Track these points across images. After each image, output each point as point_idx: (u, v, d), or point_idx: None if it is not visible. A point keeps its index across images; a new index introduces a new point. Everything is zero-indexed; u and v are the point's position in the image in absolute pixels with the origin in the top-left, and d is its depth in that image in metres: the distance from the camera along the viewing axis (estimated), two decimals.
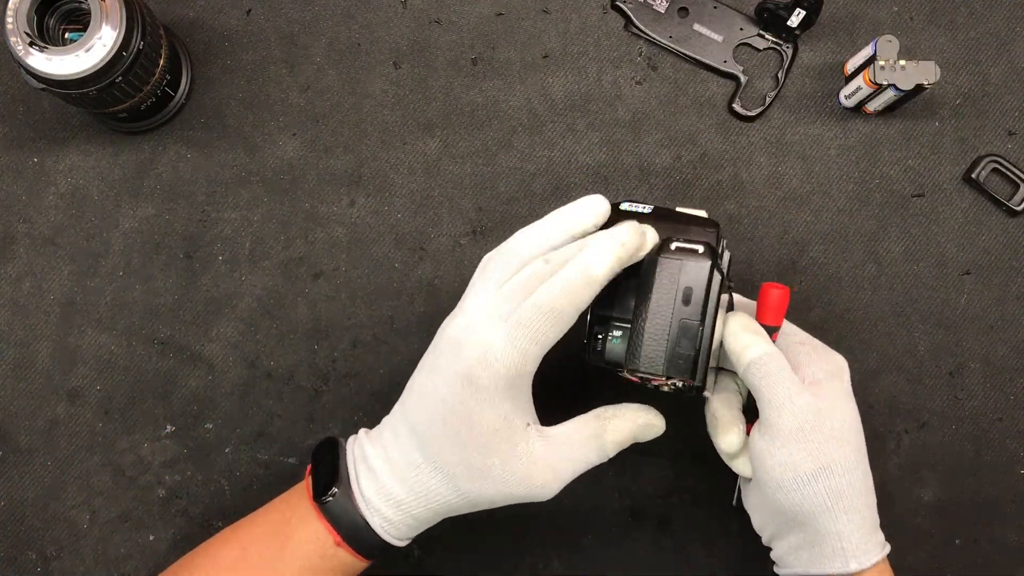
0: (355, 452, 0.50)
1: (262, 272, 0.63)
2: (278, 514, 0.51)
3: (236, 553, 0.50)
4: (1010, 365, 0.63)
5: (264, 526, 0.51)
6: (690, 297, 0.46)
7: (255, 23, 0.66)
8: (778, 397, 0.48)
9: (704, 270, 0.47)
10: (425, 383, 0.48)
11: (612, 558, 0.61)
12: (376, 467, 0.48)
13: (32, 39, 0.54)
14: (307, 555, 0.49)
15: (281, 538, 0.50)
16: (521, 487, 0.47)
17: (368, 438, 0.50)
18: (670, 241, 0.48)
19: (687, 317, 0.46)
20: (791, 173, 0.65)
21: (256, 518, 0.52)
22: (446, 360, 0.47)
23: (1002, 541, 0.61)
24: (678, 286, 0.47)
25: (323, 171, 0.64)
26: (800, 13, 0.63)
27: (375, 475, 0.48)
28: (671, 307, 0.47)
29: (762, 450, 0.48)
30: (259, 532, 0.51)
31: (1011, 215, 0.64)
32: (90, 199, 0.63)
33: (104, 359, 0.62)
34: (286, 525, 0.50)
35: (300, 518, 0.50)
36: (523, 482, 0.47)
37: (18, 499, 0.60)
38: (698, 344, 0.46)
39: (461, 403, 0.46)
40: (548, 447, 0.48)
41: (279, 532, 0.50)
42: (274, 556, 0.49)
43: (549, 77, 0.65)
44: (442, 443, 0.46)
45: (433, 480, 0.47)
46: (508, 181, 0.64)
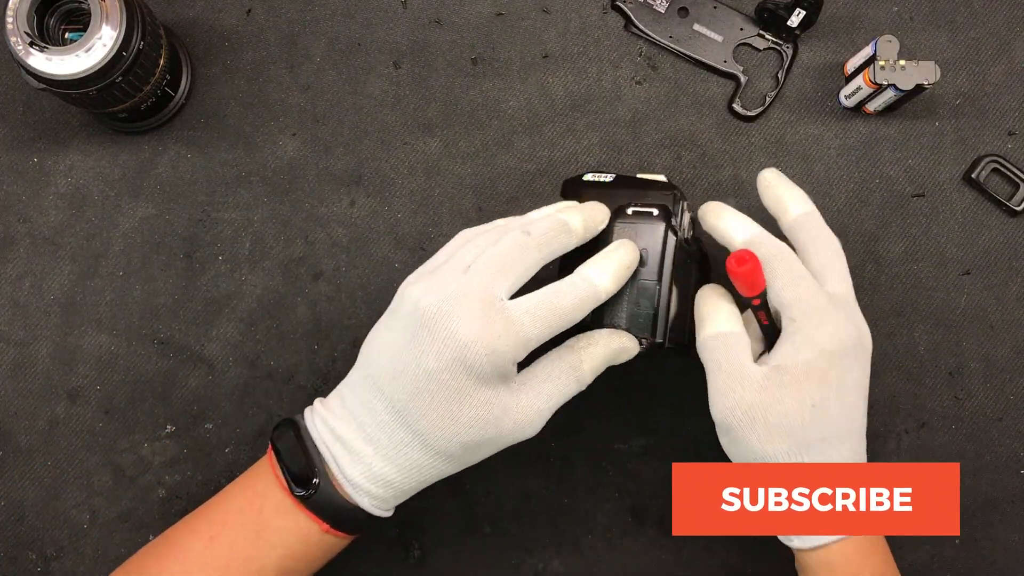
0: (321, 432, 0.48)
1: (262, 272, 0.63)
2: (246, 503, 0.49)
3: (203, 543, 0.49)
4: (1010, 365, 0.63)
5: (232, 514, 0.49)
6: (647, 259, 0.49)
7: (255, 23, 0.66)
8: (717, 384, 0.49)
9: (659, 231, 0.49)
10: (404, 357, 0.46)
11: (612, 558, 0.61)
12: (358, 449, 0.47)
13: (32, 39, 0.54)
14: (288, 544, 0.48)
15: (255, 527, 0.48)
16: (508, 437, 0.48)
17: (333, 414, 0.48)
18: (627, 206, 0.50)
19: (645, 277, 0.49)
20: (791, 173, 0.64)
21: (220, 505, 0.51)
22: (431, 335, 0.45)
23: (1002, 541, 0.61)
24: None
25: (323, 171, 0.64)
26: (800, 13, 0.63)
27: (359, 457, 0.47)
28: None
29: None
30: (227, 521, 0.49)
31: (1011, 215, 0.64)
32: (90, 199, 0.63)
33: (104, 359, 0.62)
34: (259, 514, 0.49)
35: (275, 508, 0.48)
36: (511, 433, 0.47)
37: (18, 499, 0.60)
38: (656, 303, 0.49)
39: (454, 383, 0.45)
40: (529, 391, 0.48)
41: (253, 521, 0.49)
42: (248, 546, 0.48)
43: (549, 77, 0.65)
44: (431, 420, 0.46)
45: (424, 456, 0.47)
46: (508, 181, 0.64)
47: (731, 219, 0.51)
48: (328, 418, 0.48)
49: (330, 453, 0.48)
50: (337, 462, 0.47)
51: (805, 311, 0.48)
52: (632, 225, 0.50)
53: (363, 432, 0.47)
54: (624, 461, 0.61)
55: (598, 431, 0.62)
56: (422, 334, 0.46)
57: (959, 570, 0.61)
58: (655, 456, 0.61)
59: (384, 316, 0.50)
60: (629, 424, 0.61)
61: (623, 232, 0.50)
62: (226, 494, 0.51)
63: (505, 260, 0.47)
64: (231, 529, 0.49)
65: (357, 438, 0.47)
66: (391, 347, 0.47)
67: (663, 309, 0.49)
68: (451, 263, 0.48)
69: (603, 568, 0.61)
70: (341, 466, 0.47)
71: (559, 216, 0.49)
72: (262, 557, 0.48)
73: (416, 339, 0.46)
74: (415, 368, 0.45)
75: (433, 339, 0.45)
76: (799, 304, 0.48)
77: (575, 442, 0.62)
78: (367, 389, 0.48)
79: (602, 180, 0.54)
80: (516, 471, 0.61)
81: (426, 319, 0.45)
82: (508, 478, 0.61)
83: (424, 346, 0.45)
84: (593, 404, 0.61)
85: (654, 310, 0.49)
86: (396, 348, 0.47)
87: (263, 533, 0.48)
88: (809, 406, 0.47)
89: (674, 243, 0.49)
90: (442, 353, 0.45)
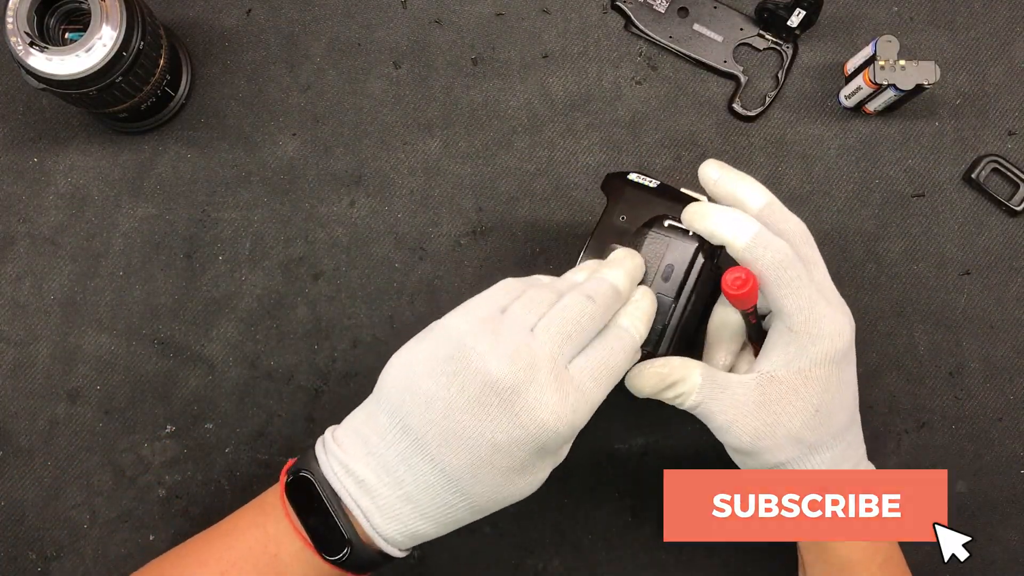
0: (346, 483, 0.45)
1: (262, 272, 0.63)
2: (258, 545, 0.47)
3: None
4: (1010, 365, 0.63)
5: (241, 552, 0.47)
6: (670, 274, 0.49)
7: (255, 23, 0.66)
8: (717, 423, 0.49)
9: (689, 251, 0.49)
10: (464, 422, 0.43)
11: (612, 558, 0.61)
12: (394, 507, 0.44)
13: (32, 39, 0.54)
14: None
15: (271, 571, 0.46)
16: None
17: (358, 461, 0.45)
18: (664, 218, 0.50)
19: (663, 292, 0.48)
20: (791, 173, 0.65)
21: (228, 540, 0.48)
22: (504, 409, 0.43)
23: (1002, 541, 0.61)
24: (662, 262, 0.49)
25: (323, 171, 0.64)
26: (800, 13, 0.63)
27: (396, 516, 0.44)
28: (650, 280, 0.49)
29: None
30: (237, 560, 0.47)
31: (1011, 215, 0.64)
32: (90, 199, 0.63)
33: (104, 359, 0.62)
34: (274, 559, 0.46)
35: (294, 557, 0.46)
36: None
37: (18, 499, 0.60)
38: (667, 319, 0.49)
39: (520, 458, 0.43)
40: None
41: (268, 566, 0.46)
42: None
43: (549, 77, 0.65)
44: (486, 487, 0.44)
45: (467, 515, 0.45)
46: (508, 181, 0.64)
47: (723, 219, 0.48)
48: (352, 466, 0.45)
49: (359, 509, 0.45)
50: (369, 519, 0.45)
51: (804, 321, 0.47)
52: (665, 238, 0.49)
53: (401, 490, 0.44)
54: (624, 461, 0.61)
55: (598, 431, 0.61)
56: (491, 403, 0.43)
57: (959, 570, 0.61)
58: (655, 456, 0.61)
59: (421, 352, 0.45)
60: (629, 424, 0.61)
61: (654, 242, 0.49)
62: (234, 528, 0.49)
63: (573, 328, 0.45)
64: (243, 569, 0.46)
65: (393, 495, 0.44)
66: (440, 403, 0.43)
67: (672, 327, 0.49)
68: (512, 321, 0.45)
69: (603, 568, 0.61)
70: (374, 523, 0.45)
71: (612, 282, 0.47)
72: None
73: (482, 407, 0.43)
74: (478, 438, 0.43)
75: (506, 413, 0.43)
76: (799, 314, 0.47)
77: (575, 442, 0.61)
78: (405, 443, 0.44)
79: (646, 184, 0.53)
80: None
81: (499, 389, 0.43)
82: None
83: (493, 418, 0.43)
84: None
85: (663, 326, 0.49)
86: (448, 407, 0.43)
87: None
88: (813, 411, 0.48)
89: (701, 266, 0.49)
90: (514, 430, 0.43)
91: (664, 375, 0.48)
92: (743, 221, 0.48)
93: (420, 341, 0.46)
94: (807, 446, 0.48)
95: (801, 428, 0.48)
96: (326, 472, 0.45)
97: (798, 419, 0.48)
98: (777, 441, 0.48)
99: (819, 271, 0.49)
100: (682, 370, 0.48)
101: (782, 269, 0.47)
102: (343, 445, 0.46)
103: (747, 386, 0.48)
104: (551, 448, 0.44)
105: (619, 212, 0.52)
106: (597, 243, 0.51)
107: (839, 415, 0.49)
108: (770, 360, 0.49)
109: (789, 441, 0.48)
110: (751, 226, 0.48)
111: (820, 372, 0.48)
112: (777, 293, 0.47)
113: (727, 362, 0.52)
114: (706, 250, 0.49)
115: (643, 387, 0.48)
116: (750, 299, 0.46)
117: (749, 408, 0.48)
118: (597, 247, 0.51)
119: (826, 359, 0.48)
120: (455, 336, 0.44)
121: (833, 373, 0.48)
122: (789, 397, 0.48)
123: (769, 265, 0.47)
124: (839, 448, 0.49)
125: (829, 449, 0.49)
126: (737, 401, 0.48)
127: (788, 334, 0.48)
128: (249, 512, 0.49)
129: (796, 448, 0.48)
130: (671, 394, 0.48)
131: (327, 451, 0.46)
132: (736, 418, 0.48)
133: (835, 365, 0.48)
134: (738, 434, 0.48)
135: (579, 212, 0.64)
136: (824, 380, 0.48)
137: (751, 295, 0.45)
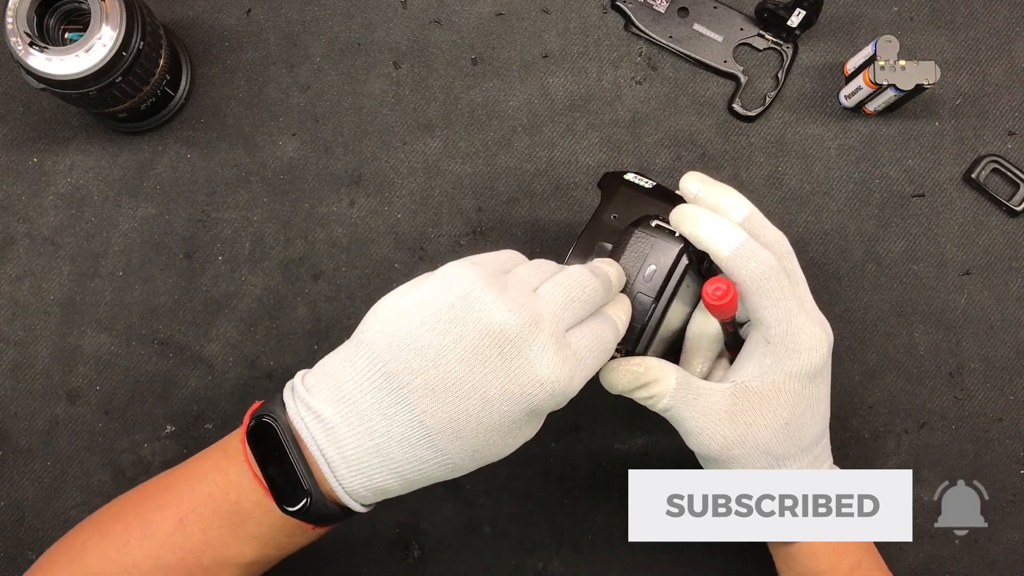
0: (313, 431, 0.43)
1: (262, 272, 0.63)
2: (218, 491, 0.45)
3: (172, 523, 0.45)
4: (1010, 365, 0.63)
5: (202, 498, 0.45)
6: (652, 275, 0.48)
7: (255, 23, 0.66)
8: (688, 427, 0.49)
9: (673, 252, 0.48)
10: (456, 371, 0.41)
11: (612, 558, 0.61)
12: (362, 460, 0.42)
13: (32, 39, 0.54)
14: (269, 536, 0.45)
15: (231, 519, 0.45)
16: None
17: (328, 406, 0.43)
18: (652, 218, 0.49)
19: (644, 292, 0.48)
20: (791, 173, 0.65)
21: (188, 484, 0.46)
22: (503, 361, 0.41)
23: (1002, 541, 0.61)
24: (645, 261, 0.49)
25: (323, 171, 0.64)
26: (800, 13, 0.63)
27: (362, 470, 0.43)
28: (632, 278, 0.49)
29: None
30: (197, 505, 0.45)
31: (1011, 215, 0.64)
32: (90, 199, 0.63)
33: (104, 359, 0.62)
34: (235, 506, 0.45)
35: (255, 505, 0.45)
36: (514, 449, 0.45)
37: (18, 499, 0.60)
38: (646, 319, 0.48)
39: (510, 416, 0.42)
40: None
41: (229, 512, 0.45)
42: (224, 533, 0.45)
43: (549, 77, 0.65)
44: (467, 445, 0.42)
45: (440, 473, 0.43)
46: (508, 181, 0.64)
47: (711, 226, 0.48)
48: (321, 411, 0.43)
49: (324, 459, 0.43)
50: (333, 469, 0.43)
51: (782, 333, 0.48)
52: (651, 238, 0.49)
53: (372, 441, 0.42)
54: (624, 461, 0.61)
55: (598, 431, 0.62)
56: (490, 354, 0.41)
57: (959, 570, 0.61)
58: (655, 456, 0.62)
59: (418, 298, 0.43)
60: (629, 424, 0.62)
61: (639, 241, 0.49)
62: (197, 472, 0.47)
63: (576, 295, 0.44)
64: (202, 515, 0.45)
65: (363, 446, 0.42)
66: (432, 351, 0.41)
67: (651, 328, 0.48)
68: (518, 279, 0.44)
69: (603, 568, 0.61)
70: (338, 474, 0.43)
71: (606, 270, 0.47)
72: (238, 545, 0.45)
73: (479, 358, 0.41)
74: (469, 391, 0.41)
75: (504, 366, 0.41)
76: (778, 326, 0.47)
77: (575, 442, 0.62)
78: (385, 391, 0.42)
79: (642, 184, 0.53)
80: (516, 471, 0.61)
81: (500, 341, 0.41)
82: (508, 478, 0.61)
83: (490, 370, 0.41)
84: (593, 404, 0.61)
85: (642, 325, 0.48)
86: (441, 355, 0.41)
87: (241, 525, 0.45)
88: (783, 424, 0.48)
89: (684, 268, 0.48)
90: (509, 385, 0.41)
91: (639, 374, 0.47)
92: (729, 230, 0.47)
93: (415, 287, 0.44)
94: (774, 458, 0.48)
95: (770, 440, 0.48)
96: (292, 417, 0.43)
97: (768, 431, 0.48)
98: (746, 451, 0.48)
99: (800, 285, 0.49)
100: (657, 371, 0.47)
101: (765, 280, 0.47)
102: (313, 390, 0.44)
103: (720, 394, 0.48)
104: (540, 411, 0.43)
105: (611, 211, 0.52)
106: (586, 240, 0.51)
107: (809, 430, 0.49)
108: (745, 370, 0.49)
109: (757, 452, 0.48)
110: (737, 235, 0.47)
111: (793, 386, 0.48)
112: (758, 304, 0.47)
113: (703, 369, 0.52)
114: (691, 253, 0.49)
115: (616, 383, 0.48)
116: (729, 310, 0.46)
117: (720, 416, 0.48)
118: (586, 244, 0.51)
119: (800, 373, 0.48)
120: (459, 284, 0.42)
121: (806, 388, 0.48)
122: (761, 408, 0.48)
123: (752, 276, 0.47)
124: (805, 461, 0.49)
125: (796, 462, 0.49)
126: (709, 409, 0.48)
127: (765, 345, 0.48)
128: (213, 455, 0.47)
129: (764, 460, 0.48)
130: (644, 394, 0.48)
131: (295, 396, 0.44)
132: (706, 425, 0.48)
133: (809, 380, 0.48)
134: (707, 441, 0.48)
135: (579, 212, 0.64)
136: (796, 394, 0.48)
137: (731, 306, 0.45)
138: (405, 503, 0.59)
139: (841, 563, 0.51)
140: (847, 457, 0.62)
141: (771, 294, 0.47)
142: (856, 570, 0.51)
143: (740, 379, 0.48)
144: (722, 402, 0.48)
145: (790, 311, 0.47)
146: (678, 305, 0.50)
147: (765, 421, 0.48)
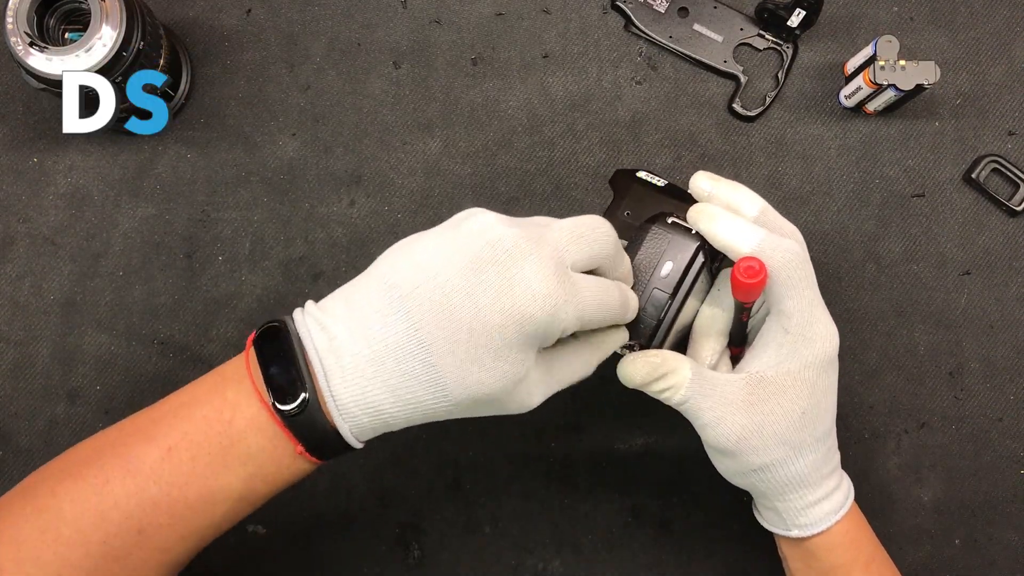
0: (316, 338, 0.43)
1: (262, 272, 0.63)
2: (213, 411, 0.43)
3: (159, 453, 0.43)
4: (1010, 365, 0.63)
5: (195, 423, 0.44)
6: (669, 271, 0.49)
7: (255, 23, 0.66)
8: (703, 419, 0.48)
9: (690, 249, 0.48)
10: (453, 281, 0.41)
11: (612, 558, 0.61)
12: (356, 367, 0.42)
13: (32, 39, 0.54)
14: (258, 463, 0.43)
15: (222, 442, 0.43)
16: (512, 406, 0.44)
17: (334, 317, 0.43)
18: (667, 215, 0.50)
19: (661, 288, 0.48)
20: (791, 173, 0.65)
21: (182, 410, 0.45)
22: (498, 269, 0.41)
23: (1002, 541, 0.61)
24: (661, 258, 0.49)
25: (323, 171, 0.64)
26: (800, 13, 0.63)
27: (355, 378, 0.42)
28: (648, 274, 0.49)
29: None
30: (189, 430, 0.43)
31: (1011, 215, 0.64)
32: (90, 199, 0.63)
33: (104, 359, 0.62)
34: (228, 426, 0.43)
35: (248, 422, 0.43)
36: (516, 403, 0.44)
37: None
38: (662, 315, 0.48)
39: (499, 330, 0.41)
40: (546, 369, 0.45)
41: (220, 435, 0.43)
42: (212, 461, 0.43)
43: (549, 77, 0.65)
44: (456, 360, 0.41)
45: (429, 395, 0.42)
46: (508, 181, 0.64)
47: (731, 225, 0.48)
48: (327, 322, 0.43)
49: (322, 366, 0.42)
50: (328, 378, 0.42)
51: (801, 323, 0.48)
52: (667, 235, 0.49)
53: (370, 348, 0.41)
54: (624, 461, 0.61)
55: (598, 431, 0.62)
56: (485, 264, 0.41)
57: (959, 570, 0.61)
58: (655, 456, 0.61)
59: (431, 230, 0.44)
60: (629, 424, 0.62)
61: (656, 237, 0.49)
62: (189, 397, 0.45)
63: (585, 231, 0.44)
64: (193, 441, 0.43)
65: (361, 354, 0.42)
66: (434, 262, 0.42)
67: (666, 323, 0.49)
68: (528, 220, 0.44)
69: (603, 568, 0.61)
70: (332, 384, 0.42)
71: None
72: (227, 475, 0.43)
73: (475, 266, 0.41)
74: (463, 297, 0.41)
75: (499, 274, 0.41)
76: (798, 315, 0.48)
77: (575, 442, 0.62)
78: (388, 299, 0.42)
79: (654, 183, 0.53)
80: (516, 471, 0.61)
81: (497, 250, 0.41)
82: (508, 478, 0.61)
83: (485, 277, 0.41)
84: (593, 404, 0.61)
85: (658, 321, 0.49)
86: (442, 266, 0.41)
87: (231, 449, 0.43)
88: (799, 413, 0.48)
89: (700, 266, 0.49)
90: (503, 294, 0.41)
91: (656, 365, 0.48)
92: (749, 227, 0.48)
93: (440, 235, 0.43)
94: (791, 447, 0.48)
95: (787, 429, 0.48)
96: (299, 326, 0.43)
97: (785, 420, 0.48)
98: (764, 441, 0.48)
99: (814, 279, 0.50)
100: (674, 363, 0.48)
101: (792, 268, 0.47)
102: (326, 308, 0.44)
103: (736, 385, 0.48)
104: (530, 333, 0.41)
105: (625, 208, 0.53)
106: None
107: (824, 419, 0.49)
108: (761, 360, 0.49)
109: (775, 442, 0.48)
110: (757, 231, 0.48)
111: (810, 375, 0.48)
112: (782, 293, 0.48)
113: (711, 361, 0.52)
114: (706, 251, 0.49)
115: (634, 376, 0.48)
116: (757, 290, 0.45)
117: (737, 407, 0.48)
118: None
119: (816, 363, 0.48)
120: (468, 212, 0.43)
121: (821, 377, 0.49)
122: (778, 398, 0.48)
123: (779, 264, 0.47)
124: (820, 451, 0.50)
125: (812, 451, 0.49)
126: (725, 399, 0.48)
127: (783, 335, 0.48)
128: (209, 379, 0.46)
129: (782, 449, 0.48)
130: (661, 386, 0.48)
131: (305, 311, 0.44)
132: (723, 416, 0.48)
133: (823, 369, 0.49)
134: (725, 432, 0.48)
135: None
136: (812, 383, 0.48)
137: (760, 286, 0.44)
138: (405, 503, 0.59)
139: (859, 555, 0.51)
140: (847, 457, 0.61)
141: (797, 283, 0.47)
142: (871, 564, 0.51)
143: (755, 369, 0.49)
144: (738, 392, 0.48)
145: (811, 301, 0.48)
146: (690, 301, 0.50)
147: (783, 410, 0.48)
